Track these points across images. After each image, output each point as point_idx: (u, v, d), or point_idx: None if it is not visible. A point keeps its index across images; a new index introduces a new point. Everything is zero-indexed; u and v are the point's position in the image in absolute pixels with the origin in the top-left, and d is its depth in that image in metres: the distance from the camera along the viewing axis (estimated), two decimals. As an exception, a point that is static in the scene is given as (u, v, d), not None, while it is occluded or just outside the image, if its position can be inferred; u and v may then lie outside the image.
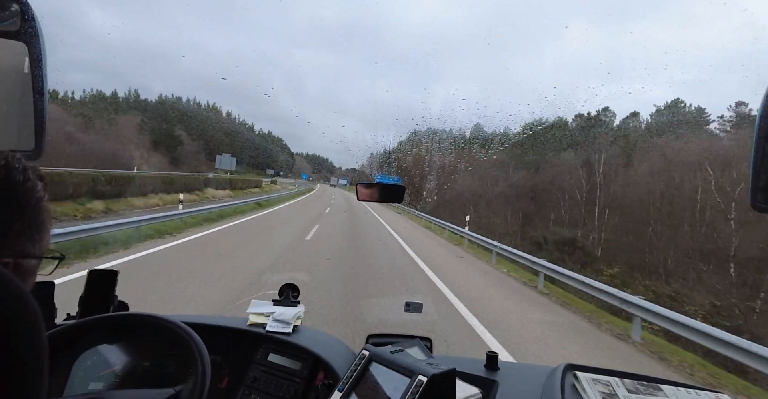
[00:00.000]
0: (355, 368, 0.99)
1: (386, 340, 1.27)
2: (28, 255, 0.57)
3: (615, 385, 1.10)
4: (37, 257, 0.60)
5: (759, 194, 0.73)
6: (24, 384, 0.41)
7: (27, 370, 0.42)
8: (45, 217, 0.59)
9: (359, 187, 1.47)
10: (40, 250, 0.60)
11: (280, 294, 1.53)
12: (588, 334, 5.75)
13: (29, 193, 0.57)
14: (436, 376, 0.87)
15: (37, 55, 0.87)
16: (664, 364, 4.84)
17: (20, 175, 0.56)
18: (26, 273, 0.58)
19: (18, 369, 0.41)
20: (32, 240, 0.58)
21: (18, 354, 0.41)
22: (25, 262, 0.57)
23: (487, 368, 1.26)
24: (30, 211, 0.57)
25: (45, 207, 0.59)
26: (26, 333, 0.42)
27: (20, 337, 0.42)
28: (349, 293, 6.13)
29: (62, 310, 1.21)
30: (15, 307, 0.42)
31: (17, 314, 0.42)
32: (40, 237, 0.59)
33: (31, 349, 0.43)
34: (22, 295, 0.43)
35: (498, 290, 7.89)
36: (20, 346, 0.42)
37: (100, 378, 0.97)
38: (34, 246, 0.58)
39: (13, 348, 0.41)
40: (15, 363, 0.41)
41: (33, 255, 0.58)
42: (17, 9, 0.83)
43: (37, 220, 0.58)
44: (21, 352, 0.42)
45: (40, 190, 0.59)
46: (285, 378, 1.24)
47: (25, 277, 0.58)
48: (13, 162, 0.56)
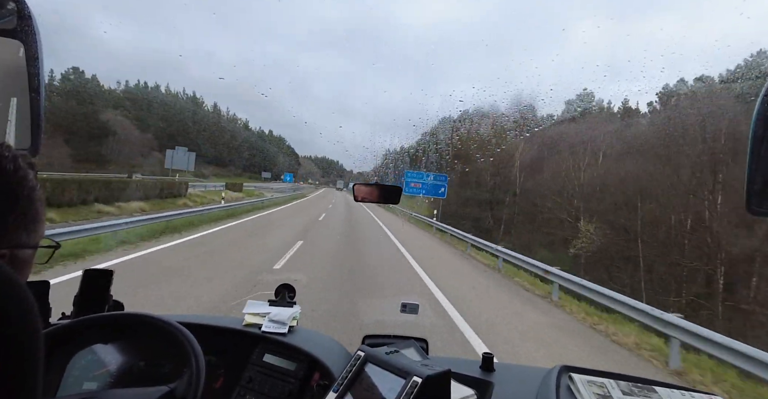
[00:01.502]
0: (350, 369, 0.99)
1: (382, 341, 1.27)
2: (23, 245, 0.57)
3: (610, 387, 1.10)
4: (33, 247, 0.60)
5: (754, 198, 0.73)
6: (19, 372, 0.41)
7: (23, 358, 0.42)
8: (39, 206, 0.59)
9: (356, 188, 1.48)
10: (35, 239, 0.60)
11: (276, 294, 1.53)
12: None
13: (22, 182, 0.56)
14: (431, 377, 0.88)
15: (34, 53, 0.87)
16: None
17: (11, 165, 0.55)
18: (22, 263, 0.58)
19: (14, 357, 0.41)
20: (27, 230, 0.57)
21: (14, 343, 0.41)
22: (20, 253, 0.57)
23: (483, 369, 1.26)
24: (24, 202, 0.56)
25: (38, 196, 0.59)
26: (22, 322, 0.42)
27: (16, 327, 0.42)
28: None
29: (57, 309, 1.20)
30: (10, 297, 0.42)
31: (13, 304, 0.42)
32: (34, 227, 0.59)
33: (27, 339, 0.42)
34: (18, 286, 0.43)
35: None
36: (16, 336, 0.42)
37: (94, 378, 0.96)
38: (29, 236, 0.58)
39: (9, 337, 0.41)
40: (11, 352, 0.41)
41: (28, 245, 0.58)
42: (14, 7, 0.83)
43: (31, 210, 0.58)
44: (17, 340, 0.42)
45: (32, 179, 0.58)
46: (280, 378, 1.24)
47: (21, 268, 0.58)
48: (3, 150, 0.55)
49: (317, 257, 9.02)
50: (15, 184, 0.55)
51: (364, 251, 11.05)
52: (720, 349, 4.43)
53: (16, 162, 0.55)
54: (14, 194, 0.55)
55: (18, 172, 0.55)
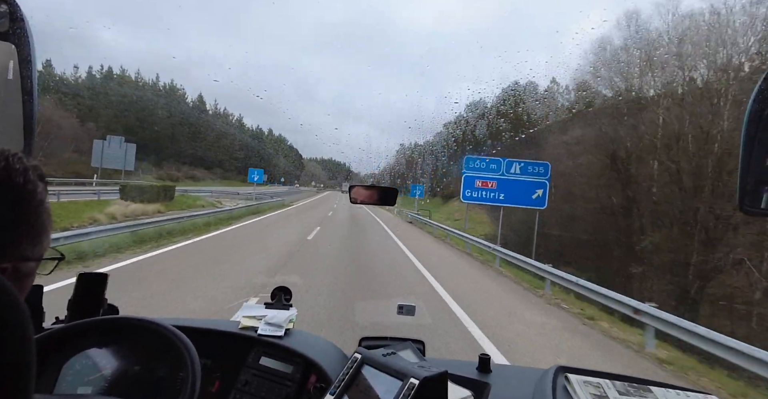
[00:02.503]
0: (347, 371, 0.98)
1: (379, 343, 1.27)
2: (27, 258, 0.56)
3: (606, 387, 1.10)
4: (36, 260, 0.59)
5: (747, 198, 0.74)
6: (10, 378, 0.41)
7: (13, 366, 0.41)
8: (45, 219, 0.58)
9: (353, 190, 1.47)
10: (40, 252, 0.59)
11: (273, 297, 1.52)
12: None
13: (30, 196, 0.56)
14: (428, 378, 0.87)
15: (27, 56, 0.86)
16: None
17: (21, 177, 0.54)
18: (24, 276, 0.57)
19: (3, 364, 0.40)
20: (32, 243, 0.57)
21: (3, 350, 0.41)
22: (23, 266, 0.56)
23: (480, 371, 1.27)
24: (31, 215, 0.56)
25: (45, 209, 0.58)
26: (14, 337, 0.42)
27: (7, 341, 0.41)
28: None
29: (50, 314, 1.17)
30: (2, 312, 0.41)
31: (4, 318, 0.41)
32: (39, 240, 0.58)
33: (18, 353, 0.42)
34: (11, 300, 0.42)
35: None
36: (7, 350, 0.41)
37: (89, 382, 0.96)
38: (33, 249, 0.57)
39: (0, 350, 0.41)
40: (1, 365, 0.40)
41: (32, 258, 0.57)
42: (6, 10, 0.83)
43: (37, 223, 0.57)
44: (7, 348, 0.41)
45: (41, 192, 0.57)
46: (277, 381, 1.23)
47: (22, 280, 0.57)
48: (14, 163, 0.54)
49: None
50: (23, 198, 0.55)
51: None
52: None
53: (27, 175, 0.55)
54: (22, 208, 0.54)
55: (27, 186, 0.55)
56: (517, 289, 8.84)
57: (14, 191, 0.53)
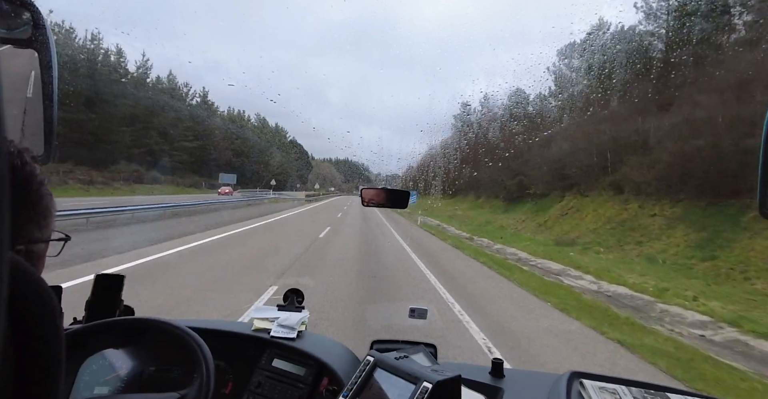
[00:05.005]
0: (359, 374, 0.98)
1: (391, 346, 1.27)
2: (36, 240, 0.58)
3: (622, 394, 1.08)
4: (45, 241, 0.60)
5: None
6: (43, 372, 0.42)
7: (47, 353, 0.42)
8: (48, 201, 0.59)
9: (364, 192, 1.48)
10: (47, 233, 0.60)
11: (285, 299, 1.53)
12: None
13: (30, 178, 0.56)
14: (441, 382, 0.87)
15: (48, 62, 0.88)
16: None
17: (18, 160, 0.54)
18: (36, 258, 0.59)
19: (38, 357, 0.41)
20: (39, 225, 0.58)
21: (40, 343, 0.42)
22: (35, 248, 0.58)
23: (493, 375, 1.25)
24: (33, 197, 0.56)
25: (47, 190, 0.59)
26: (46, 318, 0.42)
27: (42, 328, 0.42)
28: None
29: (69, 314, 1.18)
30: (34, 294, 0.42)
31: (36, 300, 0.42)
32: (45, 222, 0.59)
33: (51, 339, 0.43)
34: (39, 282, 0.43)
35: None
36: (42, 336, 0.42)
37: (105, 382, 0.97)
38: (41, 231, 0.58)
39: (36, 337, 0.41)
40: (36, 352, 0.41)
41: (41, 239, 0.59)
42: (29, 17, 0.85)
43: (41, 204, 0.58)
44: (43, 341, 0.42)
45: (40, 174, 0.58)
46: (289, 383, 1.24)
47: (36, 263, 0.59)
48: (8, 146, 0.54)
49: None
50: (23, 180, 0.55)
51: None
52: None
53: (23, 157, 0.55)
54: (24, 189, 0.55)
55: (25, 167, 0.55)
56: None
57: (14, 172, 0.53)
